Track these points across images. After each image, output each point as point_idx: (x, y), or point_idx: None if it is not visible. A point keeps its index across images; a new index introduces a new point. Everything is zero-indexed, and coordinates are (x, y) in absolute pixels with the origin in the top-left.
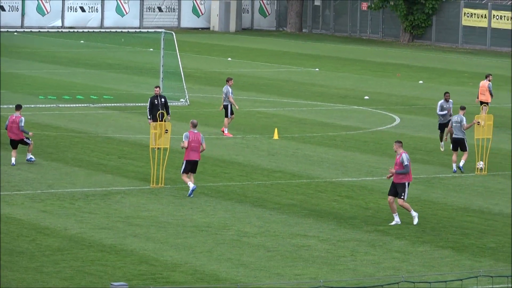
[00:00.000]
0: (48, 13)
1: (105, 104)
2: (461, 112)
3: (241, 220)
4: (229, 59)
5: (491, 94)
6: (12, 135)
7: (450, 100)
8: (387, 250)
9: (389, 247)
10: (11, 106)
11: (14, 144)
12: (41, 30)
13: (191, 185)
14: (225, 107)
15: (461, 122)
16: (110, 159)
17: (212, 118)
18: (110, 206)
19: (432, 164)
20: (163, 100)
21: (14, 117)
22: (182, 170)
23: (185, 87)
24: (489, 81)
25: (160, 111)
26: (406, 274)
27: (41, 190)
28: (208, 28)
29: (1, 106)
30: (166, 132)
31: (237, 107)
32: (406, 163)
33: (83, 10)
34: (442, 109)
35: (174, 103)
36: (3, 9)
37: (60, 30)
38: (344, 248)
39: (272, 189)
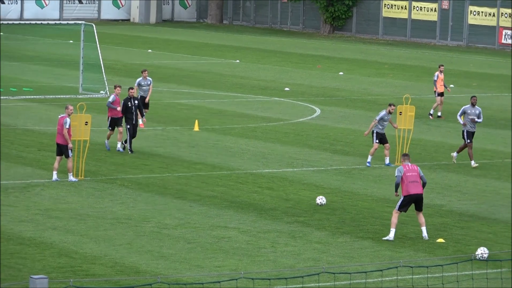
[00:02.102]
0: None
1: (24, 96)
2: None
3: (162, 212)
4: (150, 51)
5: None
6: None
7: (477, 106)
8: (307, 241)
9: (309, 238)
10: None
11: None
12: None
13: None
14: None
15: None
16: (29, 151)
17: None
18: (30, 198)
19: (352, 155)
20: (136, 102)
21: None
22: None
23: (105, 79)
24: (441, 72)
25: (81, 103)
26: (326, 265)
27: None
28: (129, 20)
29: None
30: (86, 124)
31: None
32: (396, 175)
33: (2, 1)
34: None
35: (94, 95)
36: None
37: None
38: (264, 239)
39: (192, 181)
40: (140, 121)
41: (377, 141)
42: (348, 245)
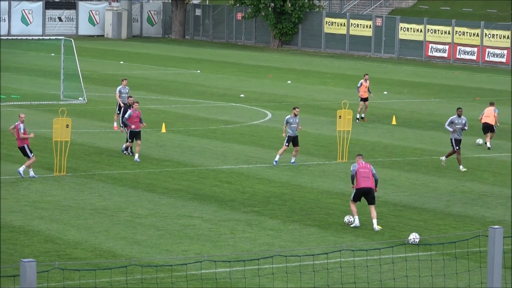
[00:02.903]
0: None
1: (12, 103)
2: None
3: (134, 203)
4: (122, 62)
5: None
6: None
7: (463, 117)
8: (262, 228)
9: (264, 225)
10: None
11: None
12: None
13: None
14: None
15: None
16: (17, 151)
17: (108, 114)
18: (19, 192)
19: (300, 153)
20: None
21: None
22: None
23: (83, 87)
24: (366, 80)
25: (62, 108)
26: (279, 249)
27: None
28: (103, 36)
29: None
30: (67, 127)
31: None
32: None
33: None
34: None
35: (73, 101)
36: None
37: None
38: (224, 227)
39: (161, 176)
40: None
41: (287, 144)
42: (298, 231)
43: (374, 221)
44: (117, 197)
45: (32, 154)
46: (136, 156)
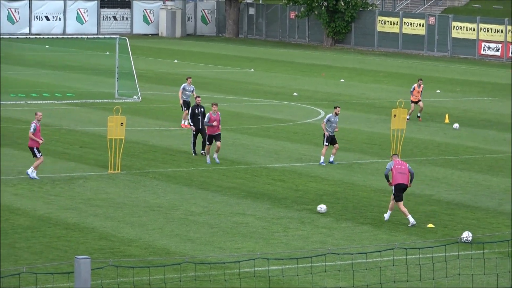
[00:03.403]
0: (17, 21)
1: (68, 101)
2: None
3: (188, 201)
4: (176, 61)
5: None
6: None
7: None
8: (315, 226)
9: (317, 223)
10: None
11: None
12: (11, 36)
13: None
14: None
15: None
16: (73, 148)
17: (162, 113)
18: (74, 189)
19: (353, 152)
20: (202, 109)
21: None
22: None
23: (137, 85)
24: (420, 85)
25: (116, 106)
26: (331, 247)
27: (13, 176)
28: (157, 34)
29: None
30: (122, 125)
31: (182, 101)
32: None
33: (48, 19)
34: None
35: (127, 100)
36: None
37: (27, 36)
38: (277, 224)
39: (214, 174)
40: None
41: (326, 143)
42: (350, 229)
43: (387, 215)
44: (171, 194)
45: (40, 154)
46: (215, 155)
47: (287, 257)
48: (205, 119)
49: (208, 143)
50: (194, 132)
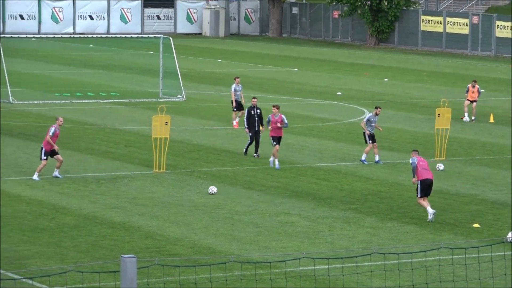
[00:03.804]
0: (61, 21)
1: (112, 100)
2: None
3: (233, 200)
4: (219, 60)
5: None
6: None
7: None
8: (360, 226)
9: (362, 223)
10: (31, 102)
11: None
12: (55, 36)
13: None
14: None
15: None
16: (117, 147)
17: (206, 112)
18: (119, 188)
19: (398, 151)
20: (258, 111)
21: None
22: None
23: (181, 84)
24: (474, 86)
25: (161, 106)
26: (377, 246)
27: (60, 175)
28: (200, 34)
29: (22, 102)
30: (166, 124)
31: (241, 101)
32: (411, 162)
33: (91, 18)
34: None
35: (172, 99)
36: (22, 18)
37: (72, 36)
38: (322, 224)
39: (259, 173)
40: (262, 128)
41: (370, 141)
42: (396, 229)
43: (429, 208)
44: (216, 194)
45: (45, 158)
46: (276, 162)
47: (333, 256)
48: (266, 120)
49: (274, 143)
50: (250, 134)
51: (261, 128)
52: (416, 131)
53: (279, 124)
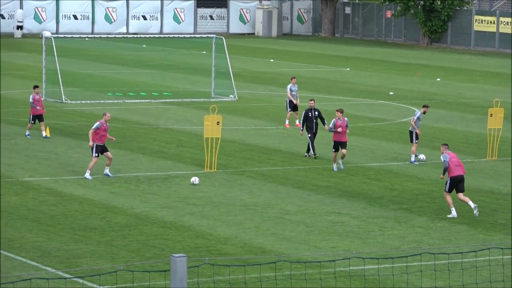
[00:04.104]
0: (114, 21)
1: (165, 100)
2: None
3: (284, 200)
4: (272, 60)
5: None
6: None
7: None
8: (411, 226)
9: (412, 223)
10: (83, 102)
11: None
12: (108, 36)
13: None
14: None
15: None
16: (169, 147)
17: (258, 112)
18: (170, 188)
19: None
20: (316, 113)
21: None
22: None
23: (233, 84)
24: None
25: (213, 105)
26: (427, 246)
27: (110, 174)
28: (253, 34)
29: (75, 102)
30: (218, 124)
31: (294, 101)
32: (443, 160)
33: (145, 18)
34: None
35: (224, 99)
36: (76, 18)
37: (125, 36)
38: (373, 224)
39: (310, 172)
40: (326, 127)
41: (416, 141)
42: (446, 229)
43: (470, 202)
44: (266, 193)
45: (96, 155)
46: (340, 163)
47: (383, 256)
48: (330, 125)
49: (334, 150)
50: (310, 135)
51: (325, 127)
52: (468, 131)
53: (340, 129)
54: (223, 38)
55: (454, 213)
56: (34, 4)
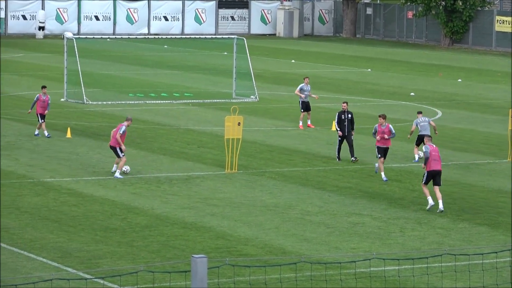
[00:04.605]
0: (136, 22)
1: (186, 101)
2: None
3: (304, 200)
4: (293, 61)
5: None
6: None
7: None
8: (431, 227)
9: (433, 224)
10: (104, 103)
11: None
12: (130, 36)
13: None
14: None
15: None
16: (190, 148)
17: (279, 112)
18: (191, 189)
19: (470, 152)
20: (349, 115)
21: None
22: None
23: (255, 85)
24: None
25: (234, 106)
26: (448, 247)
27: (131, 175)
28: (274, 34)
29: (96, 103)
30: (239, 125)
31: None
32: (424, 151)
33: (166, 19)
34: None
35: (245, 99)
36: (97, 19)
37: (146, 36)
38: (393, 225)
39: (330, 173)
40: (352, 132)
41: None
42: (467, 230)
43: (440, 201)
44: (287, 194)
45: (123, 155)
46: (383, 174)
47: (403, 257)
48: (373, 131)
49: (379, 155)
50: (340, 138)
51: (352, 132)
52: (489, 132)
53: (386, 136)
54: (244, 39)
55: (430, 201)
56: (56, 5)
